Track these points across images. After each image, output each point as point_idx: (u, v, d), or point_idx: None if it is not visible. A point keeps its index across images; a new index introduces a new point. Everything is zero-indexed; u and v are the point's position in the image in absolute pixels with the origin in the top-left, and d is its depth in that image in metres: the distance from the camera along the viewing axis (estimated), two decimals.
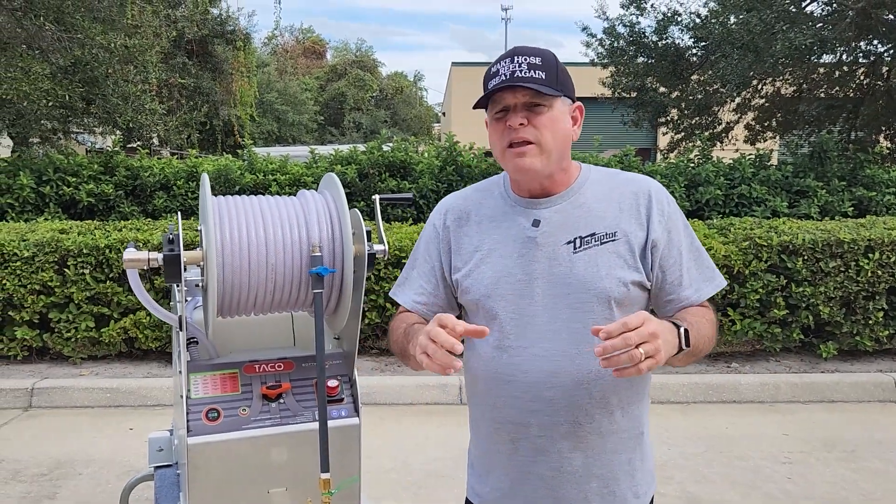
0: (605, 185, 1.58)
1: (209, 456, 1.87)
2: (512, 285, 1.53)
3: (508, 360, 1.53)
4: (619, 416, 1.54)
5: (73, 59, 7.38)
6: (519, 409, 1.54)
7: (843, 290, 5.26)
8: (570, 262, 1.51)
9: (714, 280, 1.59)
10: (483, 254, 1.58)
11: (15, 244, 5.10)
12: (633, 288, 1.51)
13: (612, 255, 1.50)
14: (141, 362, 5.42)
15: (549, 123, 1.49)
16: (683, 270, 1.54)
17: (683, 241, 1.56)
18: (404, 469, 3.91)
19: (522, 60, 1.48)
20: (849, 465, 3.99)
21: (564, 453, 1.53)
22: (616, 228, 1.52)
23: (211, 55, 18.24)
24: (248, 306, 1.88)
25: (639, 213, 1.53)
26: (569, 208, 1.55)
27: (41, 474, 3.81)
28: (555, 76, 1.49)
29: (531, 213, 1.56)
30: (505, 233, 1.58)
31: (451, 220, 1.66)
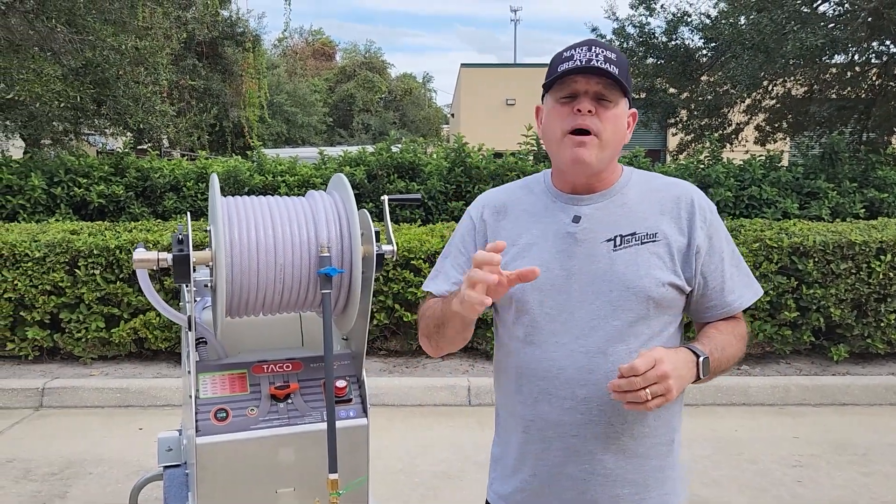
0: (647, 187, 1.58)
1: (217, 456, 1.88)
2: (549, 280, 1.51)
3: (542, 356, 1.51)
4: (653, 420, 1.52)
5: (84, 61, 7.43)
6: (553, 406, 1.51)
7: (855, 293, 5.22)
8: (610, 259, 1.50)
9: (753, 287, 1.60)
10: (521, 247, 1.56)
11: (26, 245, 5.13)
12: (671, 290, 1.50)
13: (652, 256, 1.50)
14: (150, 363, 5.44)
15: (613, 119, 1.49)
16: (726, 277, 1.54)
17: (725, 248, 1.56)
18: (412, 470, 3.91)
19: (599, 52, 1.47)
20: (860, 468, 3.96)
21: (597, 454, 1.50)
22: (657, 230, 1.52)
23: (221, 57, 18.31)
24: (257, 307, 1.89)
25: (680, 217, 1.53)
26: (611, 206, 1.55)
27: (51, 473, 3.83)
28: (626, 76, 1.50)
29: (572, 209, 1.55)
30: (545, 227, 1.56)
31: (489, 213, 1.65)
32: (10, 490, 3.64)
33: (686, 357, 1.40)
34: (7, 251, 5.11)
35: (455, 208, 6.94)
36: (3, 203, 6.68)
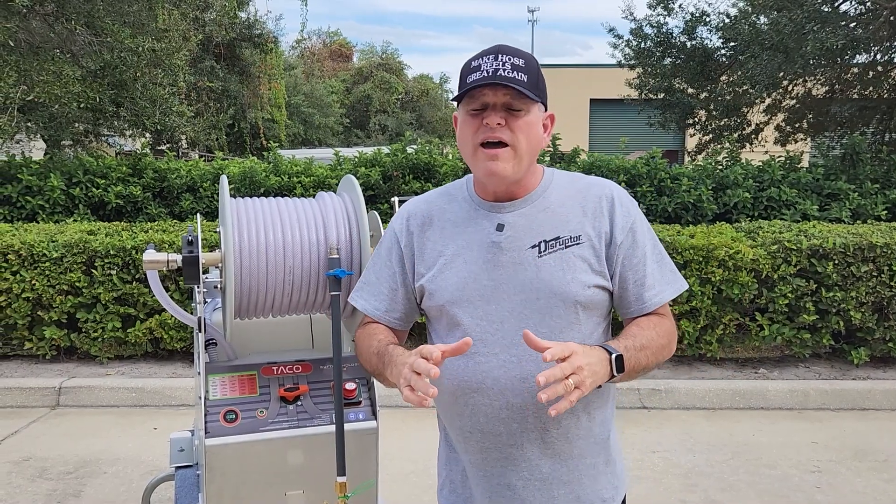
0: (569, 189, 1.58)
1: (227, 457, 1.87)
2: (478, 291, 1.52)
3: (476, 368, 1.51)
4: (586, 421, 1.54)
5: (102, 63, 7.49)
6: (488, 416, 1.52)
7: (876, 295, 5.14)
8: (536, 266, 1.50)
9: (676, 283, 1.58)
10: (447, 259, 1.56)
11: (44, 245, 5.18)
12: (598, 291, 1.51)
13: (577, 259, 1.50)
14: (166, 362, 5.47)
15: (525, 127, 1.46)
16: (647, 272, 1.54)
17: (648, 244, 1.56)
18: (424, 472, 3.89)
19: (507, 59, 1.44)
20: (880, 475, 3.89)
21: (534, 461, 1.53)
22: (580, 232, 1.52)
23: (238, 58, 18.43)
24: (266, 308, 1.88)
25: (602, 215, 1.53)
26: (533, 212, 1.54)
27: (67, 472, 3.85)
28: (535, 81, 1.47)
29: (495, 217, 1.54)
30: (469, 237, 1.55)
31: (415, 224, 1.63)
32: (25, 489, 3.67)
33: (599, 354, 1.38)
34: (25, 251, 5.16)
35: None
36: (22, 203, 6.75)
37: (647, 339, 1.49)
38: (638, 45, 11.13)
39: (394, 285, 1.63)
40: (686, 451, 4.11)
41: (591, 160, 7.14)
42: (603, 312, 1.56)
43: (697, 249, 5.08)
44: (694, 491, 3.66)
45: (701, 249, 5.09)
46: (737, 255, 5.07)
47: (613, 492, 1.61)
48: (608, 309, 1.57)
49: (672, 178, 6.89)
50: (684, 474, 3.84)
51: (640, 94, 11.63)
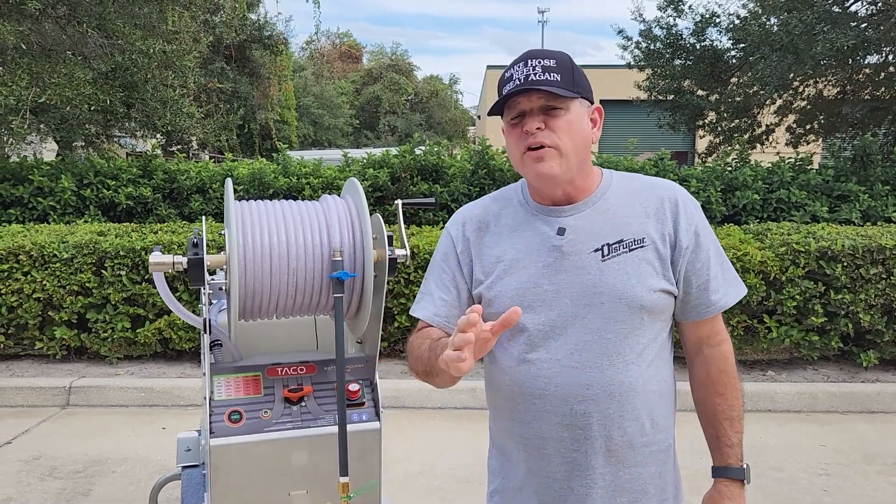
0: (629, 190, 1.55)
1: (231, 457, 1.89)
2: (539, 296, 1.48)
3: (538, 374, 1.48)
4: (650, 428, 1.50)
5: (113, 65, 7.55)
6: (551, 423, 1.49)
7: (885, 298, 5.11)
8: (600, 270, 1.46)
9: (738, 287, 1.56)
10: (506, 264, 1.53)
11: (55, 246, 5.22)
12: (663, 296, 1.48)
13: (642, 262, 1.47)
14: (175, 363, 5.50)
15: (566, 126, 1.44)
16: (711, 275, 1.51)
17: (711, 247, 1.53)
18: (431, 473, 3.90)
19: (536, 63, 1.44)
20: (889, 478, 3.87)
21: (597, 468, 1.49)
22: (643, 234, 1.48)
23: (248, 60, 18.53)
24: (270, 310, 1.90)
25: (665, 217, 1.50)
26: (594, 215, 1.51)
27: (76, 471, 3.89)
28: (570, 77, 1.45)
29: (555, 222, 1.51)
30: (528, 242, 1.52)
31: (471, 230, 1.60)
32: (35, 487, 3.70)
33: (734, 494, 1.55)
34: (36, 252, 5.21)
35: None
36: (34, 205, 6.81)
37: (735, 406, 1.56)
38: (647, 46, 11.10)
39: (452, 291, 1.60)
40: (693, 454, 4.08)
41: (599, 161, 7.13)
42: (667, 317, 1.53)
43: None
44: (700, 493, 3.62)
45: None
46: (745, 257, 5.06)
47: (674, 502, 1.59)
48: (671, 314, 1.54)
49: (681, 179, 6.87)
50: (690, 477, 3.80)
51: (650, 95, 11.61)
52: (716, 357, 1.55)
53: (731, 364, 1.56)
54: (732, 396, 1.54)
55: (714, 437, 1.56)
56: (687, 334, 1.58)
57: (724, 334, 1.58)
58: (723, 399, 1.54)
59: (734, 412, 1.54)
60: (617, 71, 15.74)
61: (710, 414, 1.55)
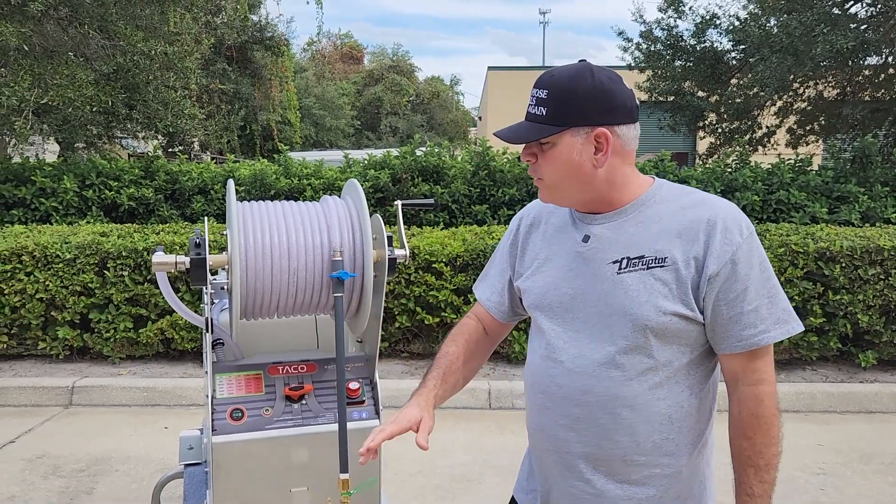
0: (672, 206, 1.48)
1: (233, 455, 1.92)
2: (558, 298, 1.53)
3: (547, 371, 1.53)
4: (650, 449, 1.47)
5: (115, 66, 7.58)
6: (551, 420, 1.54)
7: (883, 299, 5.13)
8: (613, 282, 1.46)
9: (787, 325, 1.43)
10: (540, 262, 1.59)
11: (57, 246, 5.26)
12: (676, 320, 1.41)
13: (658, 282, 1.42)
14: (177, 362, 5.54)
15: (551, 160, 1.46)
16: (746, 308, 1.40)
17: (753, 276, 1.41)
18: (431, 472, 3.93)
19: (535, 93, 1.47)
20: (886, 477, 3.90)
21: (585, 474, 1.51)
22: (667, 254, 1.42)
23: (250, 61, 18.55)
24: (271, 309, 1.92)
25: (696, 239, 1.42)
26: (625, 225, 1.48)
27: (79, 470, 3.92)
28: (560, 109, 1.43)
29: (584, 228, 1.53)
30: (561, 245, 1.56)
31: (525, 225, 1.69)
32: (39, 485, 3.73)
33: None
34: (39, 252, 5.24)
35: (479, 212, 6.95)
36: (36, 205, 6.85)
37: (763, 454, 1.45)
38: (648, 47, 11.13)
39: (503, 279, 1.72)
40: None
41: None
42: (688, 343, 1.45)
43: None
44: None
45: None
46: None
47: None
48: (696, 340, 1.45)
49: (681, 180, 6.90)
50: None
51: (651, 96, 11.64)
52: (748, 398, 1.45)
53: (768, 409, 1.44)
54: (762, 444, 1.44)
55: (737, 482, 1.47)
56: (723, 366, 1.49)
57: (765, 374, 1.45)
58: (750, 444, 1.45)
59: (761, 460, 1.44)
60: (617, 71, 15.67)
61: (736, 457, 1.47)
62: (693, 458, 1.53)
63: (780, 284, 1.46)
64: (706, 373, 1.51)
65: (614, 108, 1.44)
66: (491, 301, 1.73)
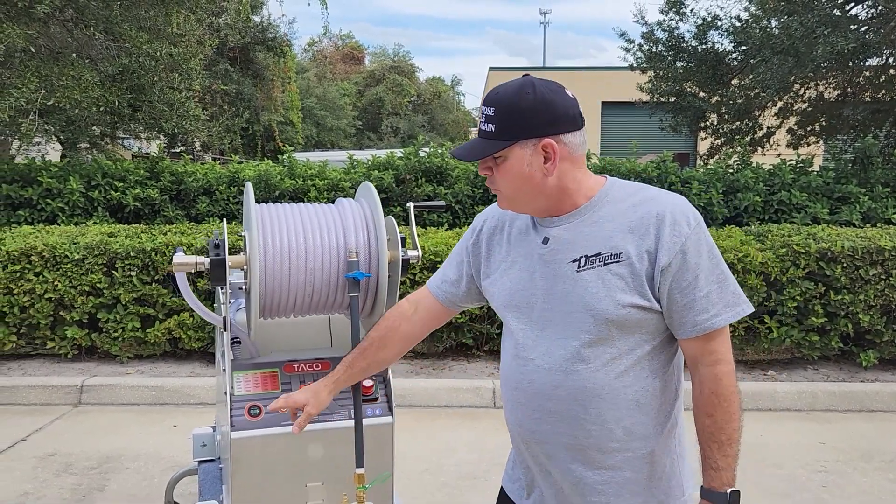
0: (623, 204, 1.56)
1: (251, 450, 1.97)
2: (524, 299, 1.61)
3: (519, 369, 1.62)
4: (622, 435, 1.54)
5: (120, 68, 7.63)
6: (526, 415, 1.62)
7: (884, 298, 5.18)
8: (574, 280, 1.54)
9: (737, 307, 1.52)
10: (507, 265, 1.67)
11: (66, 247, 5.31)
12: (634, 311, 1.50)
13: (615, 277, 1.50)
14: (184, 362, 5.58)
15: (504, 173, 1.54)
16: (697, 295, 1.49)
17: (703, 264, 1.50)
18: (437, 470, 3.98)
19: (484, 111, 1.54)
20: (886, 475, 3.95)
21: (566, 463, 1.59)
22: (622, 250, 1.51)
23: (252, 62, 18.61)
24: (288, 308, 1.98)
25: (647, 233, 1.50)
26: (580, 226, 1.56)
27: (91, 467, 3.97)
28: (507, 124, 1.50)
29: (543, 231, 1.61)
30: (525, 248, 1.64)
31: (488, 227, 1.75)
32: (52, 482, 3.79)
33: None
34: (48, 253, 5.29)
35: None
36: (42, 206, 6.90)
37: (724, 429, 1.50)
38: (650, 48, 11.18)
39: (459, 272, 1.80)
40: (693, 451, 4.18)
41: (602, 164, 7.21)
42: (649, 331, 1.53)
43: None
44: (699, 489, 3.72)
45: None
46: (746, 258, 5.13)
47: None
48: (656, 328, 1.54)
49: (682, 181, 6.95)
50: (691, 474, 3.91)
51: (652, 97, 11.69)
52: (708, 378, 1.52)
53: (727, 387, 1.52)
54: (723, 420, 1.51)
55: (703, 458, 1.54)
56: (684, 350, 1.58)
57: (722, 355, 1.53)
58: (712, 421, 1.51)
59: (723, 435, 1.51)
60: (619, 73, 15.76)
61: (700, 434, 1.54)
62: (664, 439, 1.60)
63: (728, 269, 1.55)
64: (669, 357, 1.58)
65: (557, 118, 1.51)
66: (441, 289, 1.82)
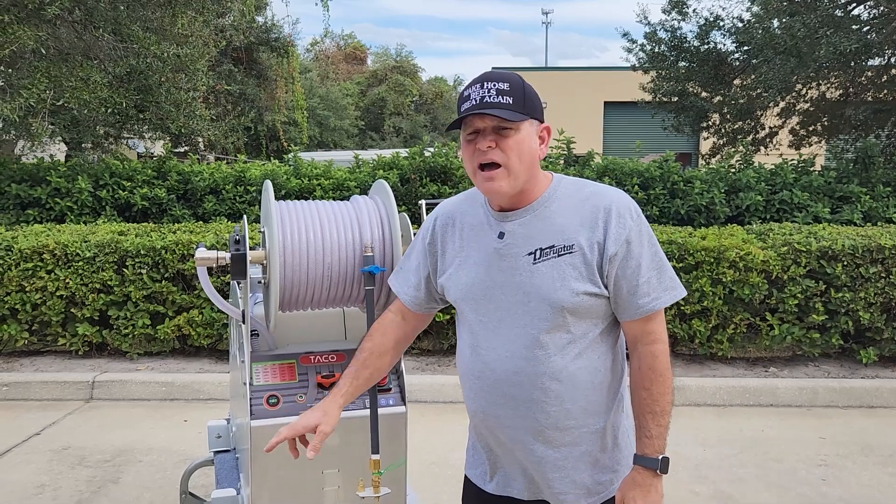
0: (572, 199, 1.67)
1: (270, 438, 2.04)
2: (481, 291, 1.69)
3: (477, 359, 1.71)
4: (578, 413, 1.67)
5: (128, 68, 7.71)
6: (488, 401, 1.71)
7: (884, 296, 5.25)
8: (530, 272, 1.63)
9: (674, 291, 1.66)
10: (462, 260, 1.75)
11: (77, 245, 5.39)
12: (587, 298, 1.61)
13: (568, 267, 1.61)
14: (193, 358, 5.66)
15: (515, 146, 1.59)
16: (640, 281, 1.62)
17: (644, 253, 1.63)
18: (445, 463, 4.06)
19: (492, 86, 1.59)
20: (885, 469, 4.02)
21: (528, 444, 1.69)
22: (573, 241, 1.62)
23: (256, 62, 18.69)
24: (306, 301, 2.05)
25: (596, 226, 1.62)
26: (534, 221, 1.66)
27: (104, 461, 4.05)
28: (521, 101, 1.60)
29: (497, 226, 1.70)
30: (480, 242, 1.72)
31: (440, 225, 1.82)
32: (67, 475, 3.87)
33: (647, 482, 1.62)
34: (59, 251, 5.38)
35: None
36: (51, 205, 6.98)
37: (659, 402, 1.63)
38: (652, 49, 11.25)
39: (418, 275, 1.85)
40: (696, 446, 4.25)
41: (605, 163, 7.28)
42: (599, 315, 1.65)
43: (709, 251, 5.22)
44: (703, 483, 3.80)
45: (712, 251, 5.22)
46: (747, 257, 5.20)
47: (612, 475, 1.74)
48: (603, 313, 1.66)
49: (685, 181, 7.01)
50: (694, 467, 3.98)
51: (655, 97, 11.76)
52: (646, 355, 1.65)
53: (662, 363, 1.65)
54: (658, 392, 1.63)
55: (637, 427, 1.67)
56: (625, 331, 1.70)
57: (658, 335, 1.66)
58: (648, 394, 1.64)
59: (657, 407, 1.63)
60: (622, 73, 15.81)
61: (636, 405, 1.66)
62: (614, 413, 1.73)
63: (665, 257, 1.69)
64: (615, 339, 1.72)
65: (542, 112, 1.67)
66: (407, 294, 1.86)
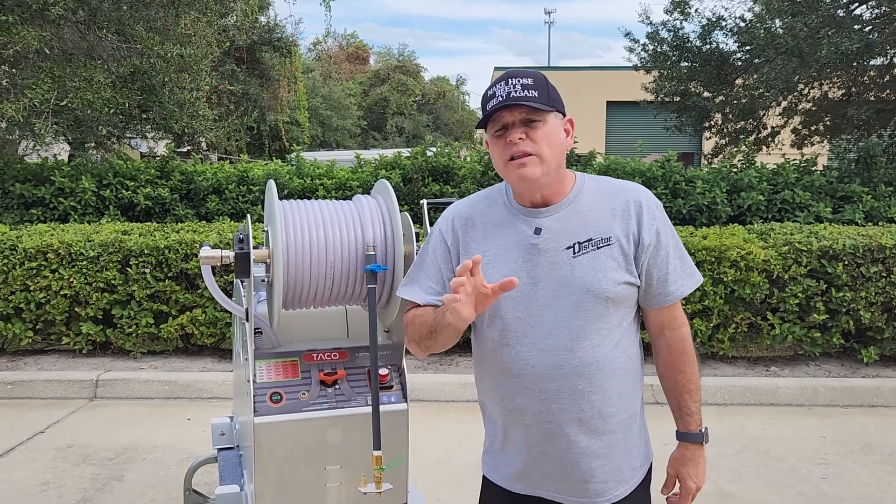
0: (600, 194, 1.75)
1: (273, 435, 2.07)
2: (518, 288, 1.67)
3: (516, 356, 1.71)
4: (616, 400, 1.72)
5: (132, 69, 7.74)
6: (528, 398, 1.72)
7: (885, 296, 5.26)
8: (571, 265, 1.67)
9: (694, 276, 1.78)
10: (489, 258, 1.74)
11: (81, 244, 5.42)
12: (625, 287, 1.69)
13: (608, 259, 1.67)
14: (196, 357, 5.69)
15: (544, 136, 1.65)
16: (670, 269, 1.72)
17: (671, 243, 1.73)
18: (447, 462, 4.08)
19: (516, 82, 1.64)
20: (885, 467, 4.03)
21: (571, 437, 1.71)
22: (610, 233, 1.69)
23: (258, 62, 18.70)
24: (309, 299, 2.07)
25: (630, 218, 1.70)
26: (567, 216, 1.71)
27: (108, 458, 4.08)
28: (546, 94, 1.66)
29: (533, 222, 1.72)
30: (508, 240, 1.73)
31: (459, 225, 1.81)
32: (71, 472, 3.90)
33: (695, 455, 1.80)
34: (63, 250, 5.41)
35: None
36: (55, 205, 7.01)
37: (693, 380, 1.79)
38: (654, 49, 11.26)
39: (439, 281, 1.79)
40: None
41: (606, 163, 7.29)
42: (630, 304, 1.73)
43: (710, 250, 5.23)
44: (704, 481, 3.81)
45: (713, 250, 5.24)
46: (748, 256, 5.22)
47: (643, 460, 1.83)
48: (634, 302, 1.74)
49: (687, 180, 7.02)
50: None
51: (657, 97, 11.77)
52: (676, 340, 1.77)
53: (690, 345, 1.78)
54: (691, 372, 1.77)
55: (677, 408, 1.80)
56: (650, 319, 1.79)
57: (683, 319, 1.79)
58: (683, 375, 1.77)
59: (692, 385, 1.78)
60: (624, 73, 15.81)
61: (672, 388, 1.80)
62: (639, 399, 1.82)
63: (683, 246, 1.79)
64: (637, 326, 1.80)
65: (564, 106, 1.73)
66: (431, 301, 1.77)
